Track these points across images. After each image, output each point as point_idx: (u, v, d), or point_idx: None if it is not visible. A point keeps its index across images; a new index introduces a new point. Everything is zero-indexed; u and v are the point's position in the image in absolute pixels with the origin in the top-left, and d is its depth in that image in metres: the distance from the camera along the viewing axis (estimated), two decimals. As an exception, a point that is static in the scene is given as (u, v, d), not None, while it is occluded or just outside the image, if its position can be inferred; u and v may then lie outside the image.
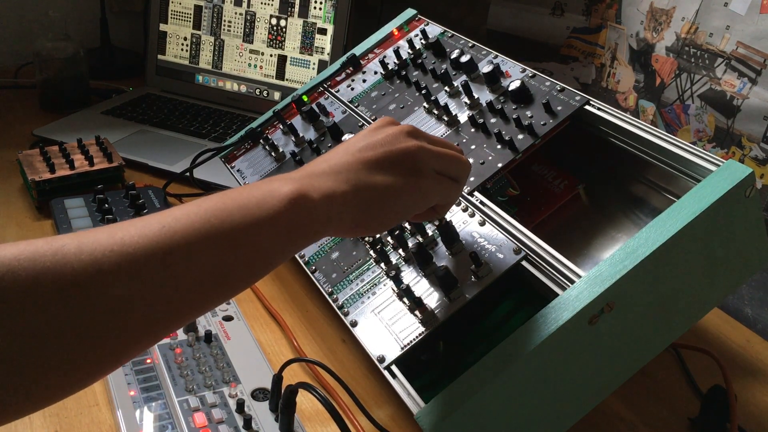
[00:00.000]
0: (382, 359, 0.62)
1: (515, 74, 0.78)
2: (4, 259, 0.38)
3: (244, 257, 0.45)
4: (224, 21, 1.32)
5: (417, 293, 0.64)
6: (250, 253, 0.45)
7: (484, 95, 0.78)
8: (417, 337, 0.61)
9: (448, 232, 0.65)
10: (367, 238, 0.72)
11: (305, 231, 0.48)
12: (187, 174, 1.01)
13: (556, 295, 0.56)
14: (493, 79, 0.77)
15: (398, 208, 0.53)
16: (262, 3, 1.29)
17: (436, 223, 0.66)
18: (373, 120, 0.85)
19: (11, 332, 0.37)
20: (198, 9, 1.33)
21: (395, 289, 0.66)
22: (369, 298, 0.68)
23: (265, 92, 1.31)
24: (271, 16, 1.29)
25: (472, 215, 0.68)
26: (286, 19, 1.28)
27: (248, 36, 1.31)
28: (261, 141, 0.93)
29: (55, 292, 0.39)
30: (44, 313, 0.38)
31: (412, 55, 0.89)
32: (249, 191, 0.47)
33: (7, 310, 0.38)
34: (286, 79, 1.29)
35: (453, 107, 0.79)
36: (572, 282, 0.56)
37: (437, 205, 0.57)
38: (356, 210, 0.50)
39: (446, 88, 0.81)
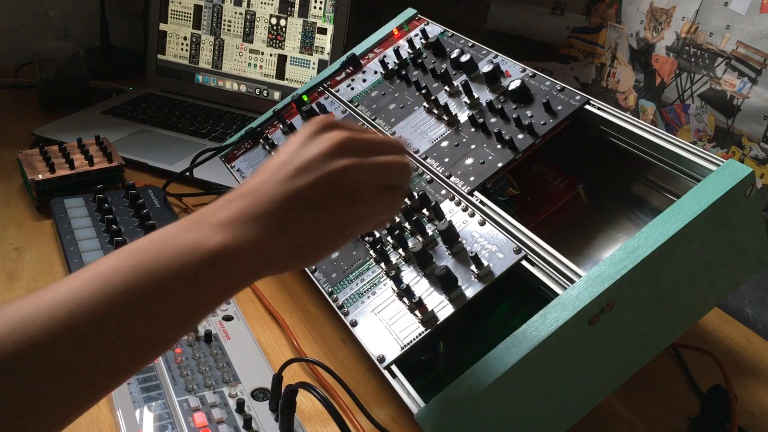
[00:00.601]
0: (382, 359, 0.62)
1: (515, 74, 0.78)
2: None
3: (162, 326, 0.42)
4: (224, 21, 1.32)
5: (417, 293, 0.64)
6: (170, 317, 0.42)
7: (484, 95, 0.78)
8: (417, 337, 0.61)
9: (448, 232, 0.65)
10: (367, 238, 0.72)
11: (232, 285, 0.45)
12: (187, 174, 1.01)
13: (556, 295, 0.56)
14: (493, 78, 0.77)
15: (337, 240, 0.50)
16: (262, 3, 1.29)
17: (437, 222, 0.66)
18: (373, 120, 0.85)
19: None
20: (198, 9, 1.33)
21: (395, 289, 0.66)
22: (369, 298, 0.68)
23: (265, 92, 1.31)
24: (271, 16, 1.29)
25: (472, 215, 0.68)
26: (286, 19, 1.28)
27: (248, 36, 1.31)
28: (261, 141, 0.93)
29: None
30: None
31: (412, 55, 0.89)
32: (170, 245, 0.43)
33: None
34: (286, 79, 1.29)
35: (453, 107, 0.79)
36: (572, 282, 0.56)
37: (379, 222, 0.54)
38: (289, 254, 0.47)
39: (446, 87, 0.81)
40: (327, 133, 0.50)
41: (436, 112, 0.80)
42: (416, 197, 0.71)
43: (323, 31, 1.25)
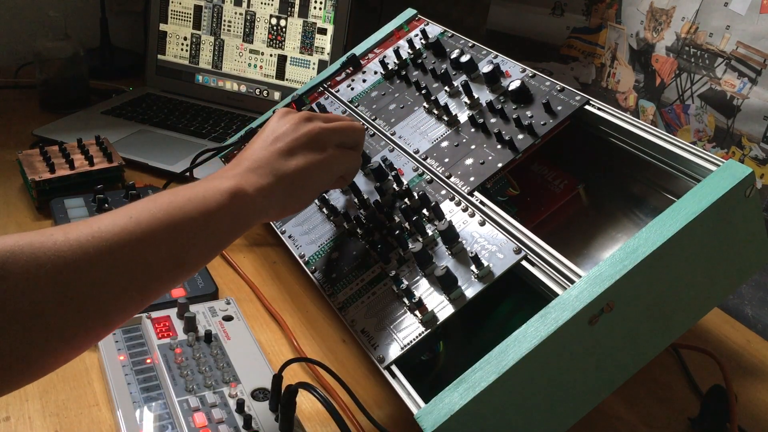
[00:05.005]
0: (382, 359, 0.62)
1: (515, 74, 0.78)
2: (5, 245, 0.45)
3: (198, 243, 0.55)
4: (224, 21, 1.32)
5: (417, 293, 0.64)
6: (203, 240, 0.55)
7: (484, 95, 0.78)
8: (417, 337, 0.61)
9: (448, 232, 0.65)
10: (367, 238, 0.72)
11: (245, 219, 0.58)
12: (187, 174, 1.01)
13: (556, 295, 0.56)
14: (493, 79, 0.77)
15: (313, 183, 0.64)
16: (262, 3, 1.29)
17: (437, 223, 0.66)
18: (373, 120, 0.85)
19: (13, 310, 0.44)
20: (198, 9, 1.33)
21: (395, 289, 0.66)
22: (369, 298, 0.68)
23: (265, 92, 1.31)
24: (271, 16, 1.29)
25: (472, 215, 0.68)
26: (286, 19, 1.28)
27: (248, 36, 1.31)
28: (261, 141, 0.93)
29: (51, 272, 0.46)
30: (41, 293, 0.45)
31: (412, 55, 0.89)
32: (194, 189, 0.56)
33: (9, 290, 0.44)
34: (286, 79, 1.29)
35: (453, 107, 0.79)
36: (572, 282, 0.56)
37: (345, 174, 0.68)
38: (282, 195, 0.61)
39: (446, 88, 0.81)
40: (292, 114, 0.66)
41: (436, 112, 0.80)
42: (416, 197, 0.71)
43: (323, 31, 1.25)
